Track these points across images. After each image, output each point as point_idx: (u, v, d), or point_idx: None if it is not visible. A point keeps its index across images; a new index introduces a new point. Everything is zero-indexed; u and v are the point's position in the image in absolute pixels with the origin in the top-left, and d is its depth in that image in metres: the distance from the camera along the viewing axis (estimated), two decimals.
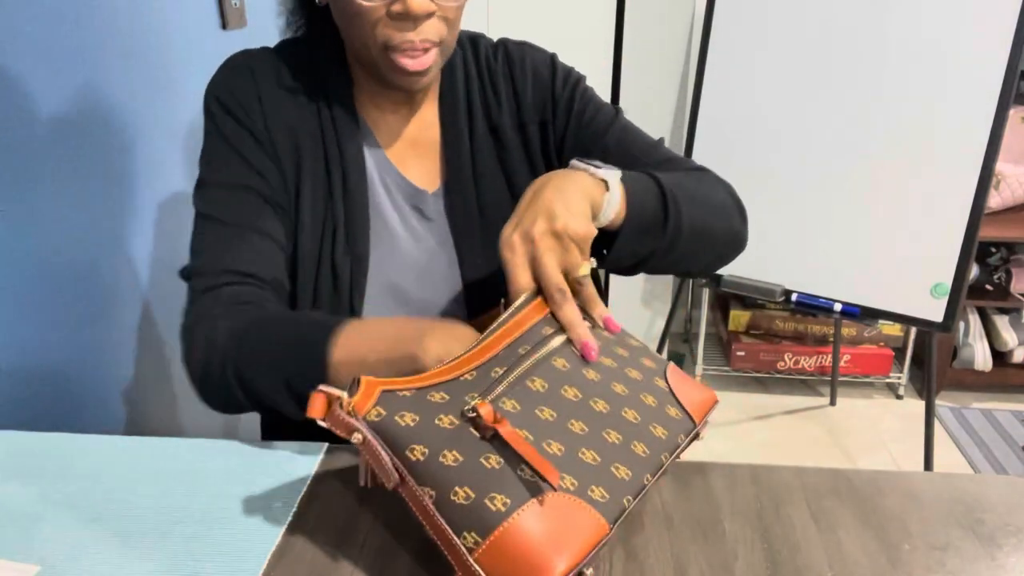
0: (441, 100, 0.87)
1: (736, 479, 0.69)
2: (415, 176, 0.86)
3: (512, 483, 0.53)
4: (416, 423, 0.54)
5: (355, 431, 0.53)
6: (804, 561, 0.59)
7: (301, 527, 0.63)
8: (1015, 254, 2.38)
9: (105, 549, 0.61)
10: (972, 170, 1.64)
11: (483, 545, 0.51)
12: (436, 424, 0.54)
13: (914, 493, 0.67)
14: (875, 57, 1.72)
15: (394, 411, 0.54)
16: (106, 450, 0.73)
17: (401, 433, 0.53)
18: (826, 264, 1.84)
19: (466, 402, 0.56)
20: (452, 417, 0.55)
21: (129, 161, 1.18)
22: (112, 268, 1.15)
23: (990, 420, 2.36)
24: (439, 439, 0.53)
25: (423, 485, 0.53)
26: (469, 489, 0.52)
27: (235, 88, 0.81)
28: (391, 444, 0.53)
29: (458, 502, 0.52)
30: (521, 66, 0.89)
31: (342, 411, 0.52)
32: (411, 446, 0.53)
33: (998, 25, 1.58)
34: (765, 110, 1.88)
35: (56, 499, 0.66)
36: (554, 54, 0.91)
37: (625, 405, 0.62)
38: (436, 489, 0.52)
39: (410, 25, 0.73)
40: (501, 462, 0.54)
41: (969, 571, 0.59)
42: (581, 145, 0.88)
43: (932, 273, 1.72)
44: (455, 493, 0.52)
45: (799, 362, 2.47)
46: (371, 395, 0.54)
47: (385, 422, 0.53)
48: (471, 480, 0.52)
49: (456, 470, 0.52)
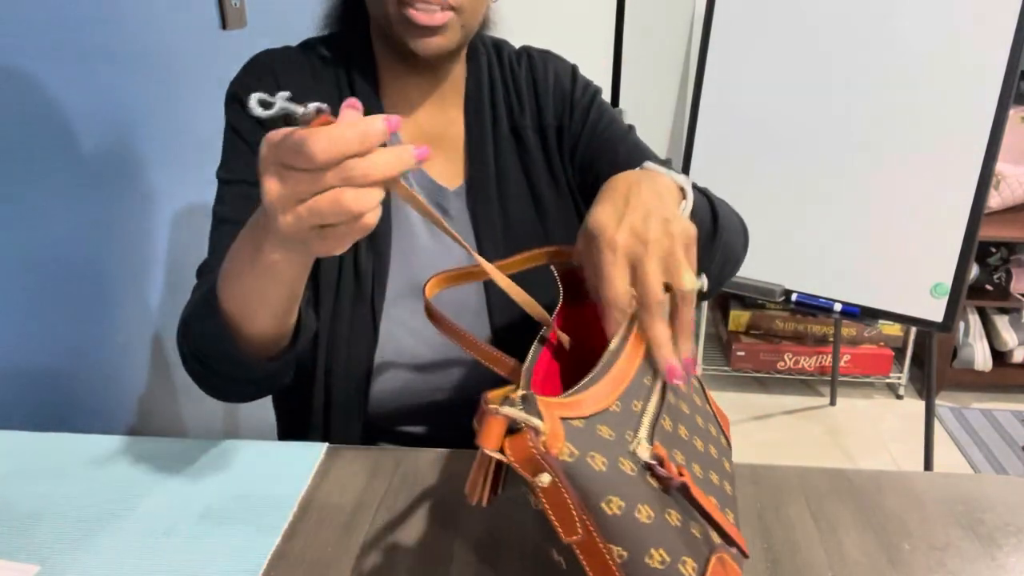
0: (467, 99, 0.88)
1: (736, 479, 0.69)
2: (437, 173, 0.86)
3: (693, 544, 0.48)
4: (608, 468, 0.45)
5: (544, 472, 0.43)
6: (804, 561, 0.59)
7: (301, 527, 0.63)
8: (1015, 254, 2.38)
9: (105, 549, 0.61)
10: (972, 170, 1.64)
11: None
12: (621, 470, 0.45)
13: (914, 493, 0.67)
14: (875, 57, 1.72)
15: (584, 450, 0.44)
16: (106, 450, 0.73)
17: (596, 480, 0.44)
18: (826, 264, 1.84)
19: (627, 440, 0.48)
20: (629, 462, 0.46)
21: (129, 161, 1.18)
22: (112, 268, 1.15)
23: (990, 420, 2.36)
24: (632, 490, 0.45)
25: (614, 543, 0.44)
26: (665, 552, 0.45)
27: (256, 87, 0.80)
28: (584, 493, 0.44)
29: (653, 566, 0.45)
30: (544, 72, 0.90)
31: (535, 444, 0.42)
32: (608, 497, 0.44)
33: (998, 25, 1.58)
34: (765, 110, 1.88)
35: (56, 499, 0.66)
36: (575, 66, 0.93)
37: (707, 440, 0.58)
38: (629, 550, 0.44)
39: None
40: (681, 519, 0.48)
41: (969, 571, 0.59)
42: (592, 153, 0.89)
43: (932, 273, 1.72)
44: (651, 556, 0.45)
45: (799, 362, 2.47)
46: (558, 426, 0.44)
47: (579, 465, 0.44)
48: (665, 541, 0.46)
49: (651, 529, 0.45)
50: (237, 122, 0.81)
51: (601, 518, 0.44)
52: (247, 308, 0.62)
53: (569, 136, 0.90)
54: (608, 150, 0.88)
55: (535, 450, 0.42)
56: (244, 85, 0.82)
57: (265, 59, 0.84)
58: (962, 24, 1.62)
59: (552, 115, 0.90)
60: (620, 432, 0.47)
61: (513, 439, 0.43)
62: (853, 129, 1.78)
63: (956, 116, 1.65)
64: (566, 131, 0.90)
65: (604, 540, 0.44)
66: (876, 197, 1.78)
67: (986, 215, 2.00)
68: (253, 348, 0.65)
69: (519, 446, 0.42)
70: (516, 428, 0.43)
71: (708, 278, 0.70)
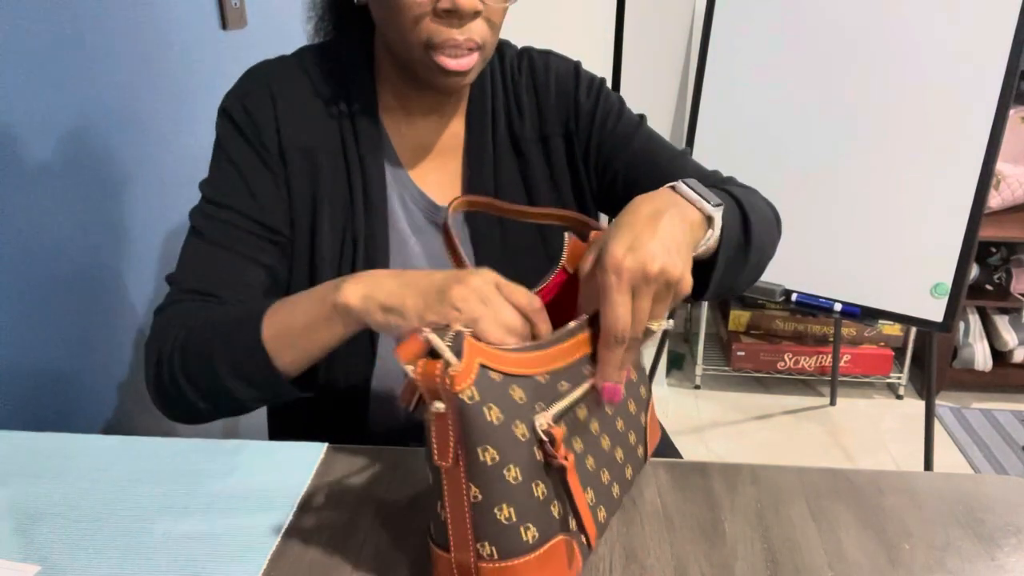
0: (470, 109, 0.85)
1: (736, 479, 0.69)
2: (434, 190, 0.84)
3: (546, 518, 0.52)
4: (499, 423, 0.50)
5: (438, 401, 0.49)
6: (804, 561, 0.59)
7: (301, 527, 0.63)
8: (1015, 254, 2.38)
9: (105, 549, 0.61)
10: (972, 170, 1.64)
11: (497, 564, 0.51)
12: (512, 431, 0.51)
13: (914, 493, 0.67)
14: (875, 57, 1.72)
15: (486, 399, 0.49)
16: (106, 450, 0.73)
17: (483, 429, 0.49)
18: (826, 264, 1.84)
19: (534, 410, 0.52)
20: (525, 428, 0.51)
21: (128, 161, 1.18)
22: (112, 268, 1.15)
23: (990, 420, 2.36)
24: (510, 450, 0.50)
25: (474, 483, 0.50)
26: (513, 511, 0.50)
27: (250, 106, 0.79)
28: (467, 434, 0.49)
29: (499, 518, 0.50)
30: (545, 76, 0.87)
31: (441, 375, 0.48)
32: (485, 446, 0.49)
33: (998, 25, 1.58)
34: (765, 110, 1.88)
35: (56, 499, 0.66)
36: (578, 62, 0.90)
37: (617, 443, 0.63)
38: (485, 496, 0.50)
39: (456, 23, 0.71)
40: (545, 493, 0.52)
41: (969, 571, 0.59)
42: (607, 154, 0.87)
43: (932, 273, 1.72)
44: (500, 509, 0.50)
45: (799, 362, 2.47)
46: (471, 369, 0.49)
47: (474, 409, 0.49)
48: (518, 502, 0.51)
49: (512, 488, 0.50)
50: (226, 140, 0.80)
51: (472, 459, 0.49)
52: (290, 353, 0.67)
53: (579, 143, 0.87)
54: (622, 148, 0.86)
55: (438, 379, 0.48)
56: (240, 103, 0.79)
57: (260, 73, 0.81)
58: (962, 24, 1.62)
59: (557, 123, 0.87)
60: (533, 400, 0.52)
61: (427, 362, 0.49)
62: (853, 129, 1.78)
63: (956, 116, 1.65)
64: (575, 138, 0.87)
65: (467, 478, 0.50)
66: (876, 197, 1.78)
67: (986, 215, 2.00)
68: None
69: (428, 371, 0.48)
70: (436, 356, 0.49)
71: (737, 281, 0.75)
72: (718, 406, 2.43)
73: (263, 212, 0.78)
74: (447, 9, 0.70)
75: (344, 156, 0.81)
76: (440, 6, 0.70)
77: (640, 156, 0.86)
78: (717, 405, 2.44)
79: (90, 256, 1.10)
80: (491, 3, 0.72)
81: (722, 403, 2.45)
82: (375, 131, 0.82)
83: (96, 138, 1.10)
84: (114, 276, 1.16)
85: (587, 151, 0.87)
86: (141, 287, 1.23)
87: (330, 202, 0.80)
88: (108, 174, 1.13)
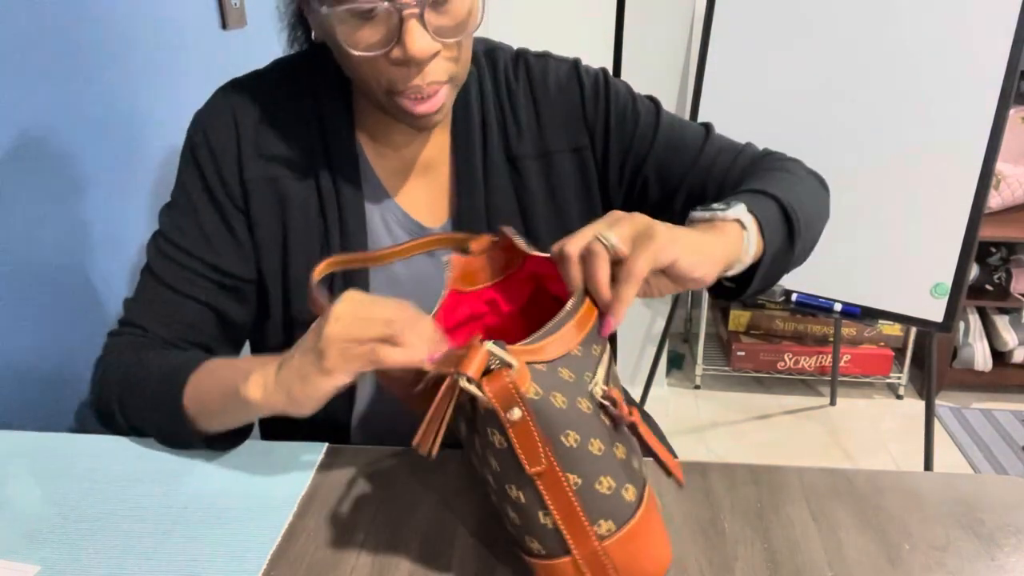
0: (454, 124, 0.80)
1: (736, 479, 0.69)
2: (420, 211, 0.80)
3: (634, 474, 0.54)
4: (567, 406, 0.51)
5: (515, 406, 0.49)
6: (804, 561, 0.59)
7: (301, 527, 0.63)
8: (1015, 254, 2.38)
9: (105, 549, 0.61)
10: (972, 170, 1.64)
11: (617, 534, 0.52)
12: (579, 408, 0.51)
13: (914, 493, 0.67)
14: (875, 57, 1.72)
15: (548, 390, 0.50)
16: (106, 450, 0.73)
17: (557, 416, 0.50)
18: (826, 264, 1.84)
19: (586, 382, 0.53)
20: (586, 401, 0.52)
21: (127, 162, 1.18)
22: (114, 269, 1.15)
23: (990, 420, 2.36)
24: (585, 425, 0.51)
25: (570, 472, 0.51)
26: (611, 478, 0.52)
27: (212, 136, 0.76)
28: (546, 427, 0.50)
29: (601, 491, 0.51)
30: (543, 85, 0.81)
31: (511, 382, 0.48)
32: (566, 431, 0.50)
33: (998, 25, 1.58)
34: (764, 110, 1.88)
35: (56, 499, 0.66)
36: (576, 62, 0.84)
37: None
38: (583, 477, 0.51)
39: (415, 69, 0.66)
40: (626, 453, 0.54)
41: (969, 571, 0.59)
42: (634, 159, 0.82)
43: (932, 273, 1.72)
44: (600, 482, 0.51)
45: (799, 362, 2.47)
46: (525, 368, 0.50)
47: (543, 403, 0.50)
48: (612, 470, 0.52)
49: (601, 459, 0.51)
50: (186, 174, 0.78)
51: (560, 449, 0.50)
52: (211, 421, 0.69)
53: (594, 153, 0.82)
54: (647, 148, 0.82)
55: (510, 385, 0.48)
56: (202, 134, 0.77)
57: (226, 96, 0.78)
58: (962, 24, 1.62)
59: (561, 138, 0.81)
60: (579, 373, 0.53)
61: (490, 377, 0.48)
62: (853, 129, 1.77)
63: (956, 116, 1.65)
64: (588, 151, 0.82)
65: (562, 469, 0.50)
66: (876, 197, 1.78)
67: (986, 215, 2.00)
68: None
69: (496, 382, 0.48)
70: (489, 370, 0.49)
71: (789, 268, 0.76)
72: (718, 406, 2.43)
73: (217, 256, 0.77)
74: (400, 59, 0.65)
75: (316, 183, 0.77)
76: (393, 55, 0.65)
77: (665, 150, 0.82)
78: (717, 405, 2.44)
79: (90, 257, 1.10)
80: (447, 39, 0.66)
81: (722, 403, 2.45)
82: (350, 153, 0.77)
83: (94, 138, 1.10)
84: (114, 277, 1.16)
85: (606, 158, 0.83)
86: None
87: (303, 232, 0.77)
88: (106, 175, 1.13)
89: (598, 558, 0.52)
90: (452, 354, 0.52)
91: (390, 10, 0.63)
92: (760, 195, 0.71)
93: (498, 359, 0.48)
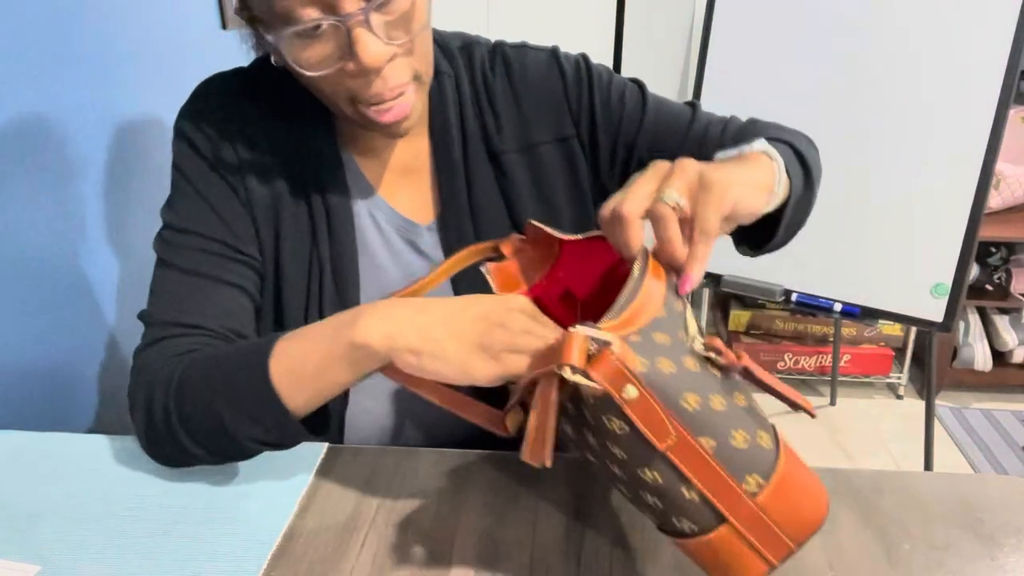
0: (431, 124, 0.79)
1: None
2: (407, 208, 0.80)
3: (762, 420, 0.51)
4: (677, 369, 0.48)
5: (628, 384, 0.46)
6: (804, 561, 0.59)
7: (301, 527, 0.63)
8: (1015, 254, 2.38)
9: (105, 549, 0.61)
10: (972, 170, 1.64)
11: (767, 487, 0.49)
12: (687, 368, 0.49)
13: (914, 493, 0.67)
14: (875, 57, 1.72)
15: (653, 358, 0.47)
16: (106, 450, 0.73)
17: (671, 383, 0.47)
18: (826, 264, 1.84)
19: (682, 340, 0.50)
20: (691, 359, 0.49)
21: (126, 162, 1.18)
22: (113, 268, 1.15)
23: (990, 420, 2.36)
24: (700, 384, 0.48)
25: (701, 436, 0.47)
26: (743, 430, 0.49)
27: (204, 123, 0.75)
28: (664, 397, 0.47)
29: (738, 447, 0.48)
30: (523, 77, 0.80)
31: (619, 361, 0.45)
32: (684, 395, 0.47)
33: (998, 25, 1.58)
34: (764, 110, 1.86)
35: (56, 499, 0.66)
36: (554, 49, 0.83)
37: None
38: (716, 438, 0.48)
39: (374, 77, 0.65)
40: (746, 400, 0.51)
41: (969, 571, 0.59)
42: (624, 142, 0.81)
43: (932, 273, 1.72)
44: (734, 438, 0.48)
45: (799, 362, 2.47)
46: (624, 343, 0.47)
47: (653, 373, 0.47)
48: (741, 422, 0.49)
49: (727, 415, 0.48)
50: (182, 161, 0.76)
51: (685, 416, 0.47)
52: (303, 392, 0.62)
53: (580, 142, 0.81)
54: (636, 129, 0.81)
55: (618, 364, 0.45)
56: (194, 122, 0.76)
57: (211, 90, 0.77)
58: (962, 24, 1.62)
59: (545, 130, 0.81)
60: (673, 333, 0.50)
61: (594, 361, 0.45)
62: (853, 129, 1.77)
63: (956, 116, 1.65)
64: (574, 140, 0.81)
65: (693, 435, 0.47)
66: (876, 197, 1.78)
67: (986, 215, 2.00)
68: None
69: (603, 365, 0.45)
70: (588, 355, 0.46)
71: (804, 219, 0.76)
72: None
73: (229, 231, 0.74)
74: (355, 71, 0.64)
75: (303, 182, 0.76)
76: (348, 69, 0.64)
77: (659, 126, 0.81)
78: None
79: (90, 257, 1.10)
80: (399, 39, 0.65)
81: None
82: (334, 153, 0.77)
83: (93, 138, 1.10)
84: (114, 276, 1.16)
85: (595, 145, 0.82)
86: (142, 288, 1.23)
87: (292, 230, 0.76)
88: (105, 175, 1.13)
89: (757, 517, 0.48)
90: (540, 352, 0.50)
91: (335, 24, 0.62)
92: (772, 140, 0.71)
93: (595, 341, 0.46)
